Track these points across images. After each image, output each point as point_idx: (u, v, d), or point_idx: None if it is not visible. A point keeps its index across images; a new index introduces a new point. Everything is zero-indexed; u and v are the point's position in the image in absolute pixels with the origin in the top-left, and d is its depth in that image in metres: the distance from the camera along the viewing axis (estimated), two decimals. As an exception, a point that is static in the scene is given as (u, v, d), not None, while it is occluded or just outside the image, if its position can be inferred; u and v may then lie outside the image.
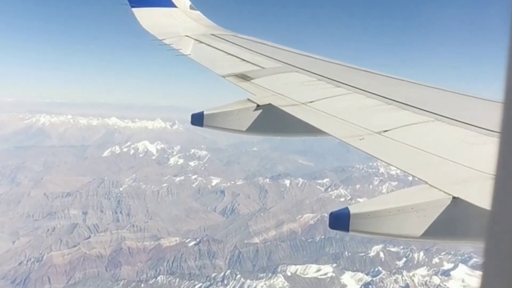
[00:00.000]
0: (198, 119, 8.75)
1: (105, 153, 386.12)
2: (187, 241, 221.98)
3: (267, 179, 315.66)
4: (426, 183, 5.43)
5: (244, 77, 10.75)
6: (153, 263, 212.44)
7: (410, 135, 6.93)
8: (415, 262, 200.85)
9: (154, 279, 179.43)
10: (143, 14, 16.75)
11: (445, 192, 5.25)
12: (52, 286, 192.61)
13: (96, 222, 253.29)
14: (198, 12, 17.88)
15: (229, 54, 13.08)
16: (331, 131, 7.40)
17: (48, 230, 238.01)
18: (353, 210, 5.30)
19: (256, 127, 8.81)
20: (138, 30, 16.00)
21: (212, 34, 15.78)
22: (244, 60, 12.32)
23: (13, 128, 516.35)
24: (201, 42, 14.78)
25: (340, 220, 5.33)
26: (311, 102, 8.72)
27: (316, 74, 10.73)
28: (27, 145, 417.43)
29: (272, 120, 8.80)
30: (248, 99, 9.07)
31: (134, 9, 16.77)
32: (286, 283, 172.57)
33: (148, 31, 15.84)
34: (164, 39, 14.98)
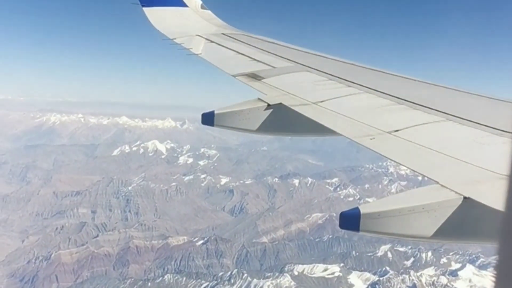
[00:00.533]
0: (208, 119, 8.77)
1: (115, 152, 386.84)
2: (195, 240, 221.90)
3: (276, 179, 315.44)
4: (437, 183, 5.42)
5: (255, 76, 10.78)
6: (160, 262, 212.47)
7: (421, 135, 6.94)
8: (423, 262, 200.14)
9: (161, 278, 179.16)
10: (154, 14, 16.81)
11: (456, 192, 5.24)
12: (60, 285, 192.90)
13: (105, 221, 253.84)
14: (209, 12, 17.94)
15: (240, 53, 13.11)
16: (342, 130, 7.41)
17: (56, 228, 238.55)
18: (363, 210, 5.30)
19: (267, 127, 8.80)
20: (150, 29, 16.08)
21: (223, 34, 15.82)
22: (254, 59, 12.36)
23: (24, 127, 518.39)
24: (212, 41, 14.83)
25: (350, 220, 5.35)
26: (322, 101, 8.72)
27: (327, 73, 10.74)
28: (37, 144, 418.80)
29: (282, 120, 8.81)
30: (259, 99, 9.05)
31: (145, 9, 16.82)
32: (292, 283, 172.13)
33: (159, 30, 15.92)
34: (175, 39, 15.08)
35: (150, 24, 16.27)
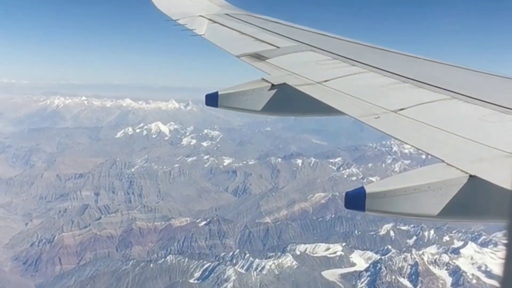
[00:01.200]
0: (212, 100, 8.62)
1: (118, 134, 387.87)
2: (197, 221, 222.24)
3: (279, 159, 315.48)
4: (443, 161, 5.38)
5: (258, 56, 10.64)
6: (163, 243, 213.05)
7: (426, 114, 6.84)
8: (426, 240, 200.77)
9: (163, 259, 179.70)
10: None
11: (462, 171, 5.20)
12: (63, 267, 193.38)
13: (108, 203, 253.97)
14: None
15: (243, 33, 12.97)
16: (346, 110, 7.29)
17: (60, 211, 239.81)
18: (369, 189, 5.21)
19: (271, 107, 8.66)
20: (153, 10, 15.96)
21: (226, 14, 15.62)
22: (258, 39, 12.21)
23: (27, 110, 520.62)
24: (215, 22, 14.65)
25: (355, 200, 5.26)
26: (326, 81, 8.59)
27: (331, 53, 10.58)
28: (41, 127, 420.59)
29: (287, 100, 8.67)
30: (263, 79, 8.88)
31: None
32: (294, 262, 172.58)
33: (163, 11, 15.75)
34: (178, 20, 14.88)
35: (153, 5, 16.18)
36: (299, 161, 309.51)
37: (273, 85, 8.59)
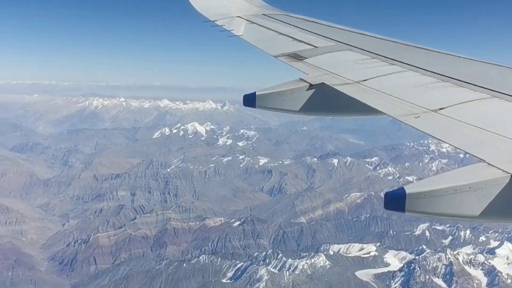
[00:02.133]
0: (250, 100, 8.61)
1: (155, 135, 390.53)
2: (231, 221, 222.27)
3: (315, 158, 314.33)
4: (484, 161, 5.34)
5: (296, 56, 10.58)
6: (198, 243, 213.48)
7: (467, 113, 6.76)
8: (461, 240, 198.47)
9: (196, 259, 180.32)
10: None
11: (504, 171, 5.16)
12: (98, 267, 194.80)
13: (144, 203, 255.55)
14: None
15: (281, 33, 12.96)
16: (386, 109, 7.27)
17: (95, 211, 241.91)
18: (409, 190, 5.13)
19: (309, 107, 8.61)
20: (191, 12, 16.17)
21: (264, 14, 15.64)
22: (296, 39, 12.17)
23: (67, 111, 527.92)
24: (252, 22, 14.68)
25: (395, 201, 5.21)
26: (365, 80, 8.53)
27: (369, 52, 10.53)
28: (80, 128, 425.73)
29: (325, 100, 8.62)
30: (301, 79, 8.81)
31: None
32: (327, 262, 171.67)
33: (201, 12, 15.94)
34: (216, 21, 15.00)
35: (191, 6, 16.40)
36: (335, 161, 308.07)
37: (311, 85, 8.57)
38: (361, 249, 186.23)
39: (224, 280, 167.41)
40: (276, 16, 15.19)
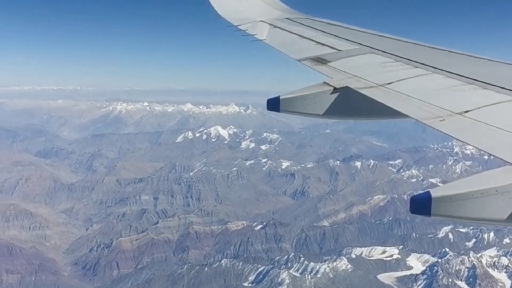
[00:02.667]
0: (274, 104, 8.62)
1: (178, 139, 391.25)
2: (253, 224, 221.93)
3: (338, 161, 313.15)
4: (511, 164, 5.32)
5: (320, 60, 10.59)
6: (220, 247, 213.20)
7: (492, 115, 6.68)
8: (485, 243, 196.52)
9: (218, 263, 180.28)
10: (218, 0, 17.11)
11: None
12: (121, 271, 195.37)
13: (167, 207, 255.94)
14: None
15: (304, 37, 12.99)
16: (410, 112, 7.19)
17: (118, 216, 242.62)
18: (435, 193, 5.14)
19: (333, 111, 8.59)
20: (214, 16, 16.35)
21: (287, 18, 15.69)
22: (319, 43, 12.19)
23: (91, 116, 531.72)
24: (275, 26, 14.74)
25: (421, 204, 5.21)
26: (389, 83, 8.49)
27: (393, 55, 10.50)
28: (103, 133, 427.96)
29: (349, 103, 8.60)
30: (325, 82, 8.82)
31: None
32: (349, 265, 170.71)
33: (224, 17, 16.06)
34: (239, 25, 15.15)
35: (214, 11, 16.47)
36: (358, 164, 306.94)
37: (335, 88, 8.53)
38: (384, 252, 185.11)
39: (245, 284, 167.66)
40: (299, 20, 15.21)
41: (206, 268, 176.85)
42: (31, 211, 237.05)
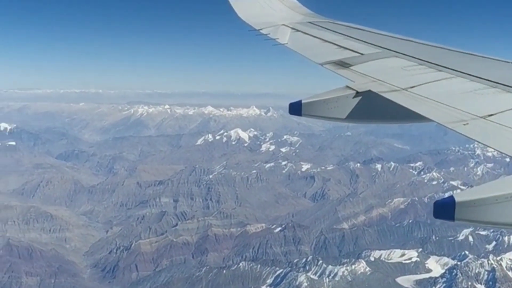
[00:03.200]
0: (296, 108, 8.68)
1: (199, 142, 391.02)
2: (272, 227, 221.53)
3: (358, 164, 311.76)
4: None
5: (342, 64, 10.69)
6: (239, 249, 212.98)
7: None
8: (505, 245, 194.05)
9: (236, 266, 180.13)
10: (240, 5, 17.17)
11: None
12: (140, 274, 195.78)
13: (186, 209, 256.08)
14: (295, 0, 18.22)
15: (326, 41, 13.08)
16: (433, 116, 7.28)
17: (138, 218, 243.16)
18: (458, 198, 5.14)
19: (356, 115, 8.66)
20: (236, 20, 16.39)
21: (309, 22, 15.78)
22: (342, 47, 12.28)
23: (112, 119, 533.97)
24: (298, 30, 14.83)
25: (444, 209, 5.23)
26: (412, 87, 8.53)
27: (416, 58, 10.54)
28: (124, 136, 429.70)
29: (372, 107, 8.68)
30: (347, 86, 8.90)
31: (231, 0, 17.23)
32: (368, 268, 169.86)
33: (246, 21, 16.17)
34: (261, 29, 15.25)
35: (236, 15, 16.55)
36: (379, 166, 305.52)
37: (357, 92, 8.57)
38: (403, 255, 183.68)
39: (263, 287, 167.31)
40: (321, 24, 15.27)
41: (224, 271, 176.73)
42: (51, 214, 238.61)
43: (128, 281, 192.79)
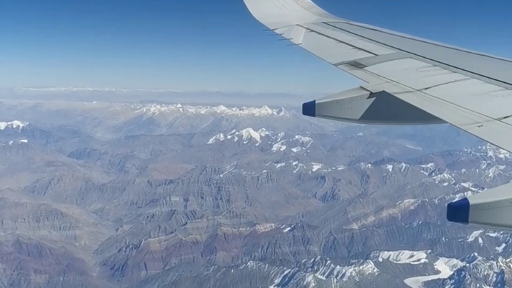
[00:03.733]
0: (309, 109, 8.70)
1: (210, 141, 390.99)
2: (282, 227, 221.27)
3: (369, 165, 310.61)
4: None
5: (356, 64, 10.71)
6: (248, 249, 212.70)
7: None
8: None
9: (244, 265, 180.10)
10: (254, 4, 17.37)
11: None
12: (148, 272, 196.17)
13: (196, 208, 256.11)
14: (309, 0, 18.37)
15: (340, 41, 13.12)
16: (448, 118, 7.26)
17: (147, 217, 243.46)
18: (472, 200, 5.11)
19: (370, 115, 8.67)
20: (250, 20, 16.44)
21: (323, 22, 15.82)
22: (356, 47, 12.30)
23: (125, 118, 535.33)
24: (312, 30, 14.86)
25: (459, 212, 5.21)
26: (427, 88, 8.52)
27: (431, 59, 10.51)
28: (136, 135, 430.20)
29: (386, 108, 8.67)
30: (361, 87, 8.92)
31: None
32: (376, 269, 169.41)
33: (260, 21, 16.28)
34: (275, 29, 15.31)
35: (250, 15, 16.67)
36: (390, 167, 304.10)
37: (371, 93, 8.57)
38: (411, 256, 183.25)
39: (271, 287, 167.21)
40: (335, 24, 15.26)
41: (232, 270, 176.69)
42: (61, 211, 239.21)
43: (137, 279, 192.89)
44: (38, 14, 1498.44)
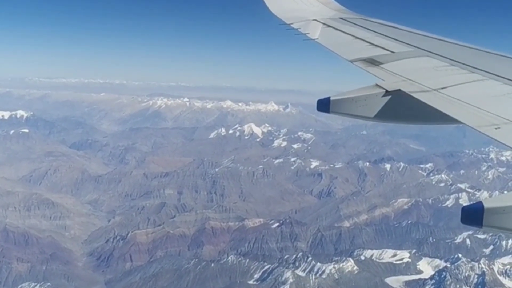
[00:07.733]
0: (324, 105, 8.60)
1: (211, 135, 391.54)
2: (270, 222, 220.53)
3: (367, 163, 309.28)
4: None
5: (372, 61, 10.58)
6: (235, 243, 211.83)
7: None
8: (503, 250, 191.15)
9: (225, 259, 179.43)
10: None
11: None
12: (134, 264, 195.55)
13: (188, 202, 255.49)
14: None
15: (357, 38, 13.01)
16: (464, 119, 7.07)
17: (138, 208, 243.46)
18: (487, 204, 5.12)
19: (385, 114, 8.54)
20: (267, 14, 16.34)
21: (341, 18, 15.66)
22: (373, 44, 12.20)
23: (131, 110, 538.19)
24: (329, 26, 14.72)
25: (472, 215, 5.18)
26: (443, 88, 8.38)
27: (449, 59, 10.36)
28: (141, 127, 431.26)
29: (401, 107, 8.53)
30: (377, 85, 8.78)
31: None
32: (355, 267, 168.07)
33: (276, 15, 16.12)
34: (292, 24, 15.14)
35: (267, 9, 16.56)
36: (388, 166, 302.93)
37: (387, 91, 8.45)
38: (394, 255, 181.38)
39: (250, 282, 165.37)
40: (353, 20, 15.10)
41: (212, 264, 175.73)
42: (53, 201, 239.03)
43: (121, 270, 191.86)
44: (51, 6, 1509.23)
